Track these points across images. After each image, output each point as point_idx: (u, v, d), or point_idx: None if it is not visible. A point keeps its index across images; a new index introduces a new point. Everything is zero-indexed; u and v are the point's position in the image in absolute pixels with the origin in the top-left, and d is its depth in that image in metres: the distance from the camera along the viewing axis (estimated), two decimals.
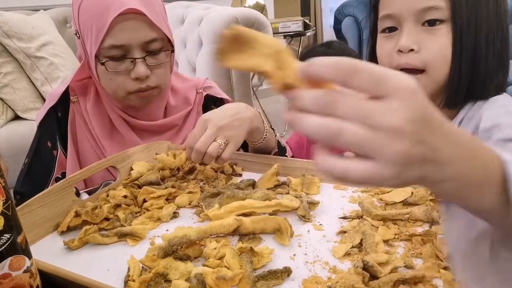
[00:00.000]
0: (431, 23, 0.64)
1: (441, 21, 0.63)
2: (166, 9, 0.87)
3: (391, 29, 0.69)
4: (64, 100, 0.90)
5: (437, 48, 0.64)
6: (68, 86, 0.89)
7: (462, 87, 0.65)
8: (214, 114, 0.75)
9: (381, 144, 0.27)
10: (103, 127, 0.89)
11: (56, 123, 0.89)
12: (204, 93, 0.98)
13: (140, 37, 0.78)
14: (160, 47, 0.82)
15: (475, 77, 0.64)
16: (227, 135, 0.72)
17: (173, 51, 0.86)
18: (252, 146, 0.83)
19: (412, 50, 0.65)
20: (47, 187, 0.74)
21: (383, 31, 0.71)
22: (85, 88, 0.91)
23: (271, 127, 0.86)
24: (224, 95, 1.00)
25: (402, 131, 0.26)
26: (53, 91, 0.92)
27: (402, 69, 0.66)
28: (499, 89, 0.67)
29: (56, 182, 0.65)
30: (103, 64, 0.79)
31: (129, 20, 0.77)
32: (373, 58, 0.76)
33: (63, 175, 0.87)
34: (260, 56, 0.32)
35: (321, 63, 0.28)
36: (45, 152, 0.88)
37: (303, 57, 1.16)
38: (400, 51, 0.66)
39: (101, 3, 0.77)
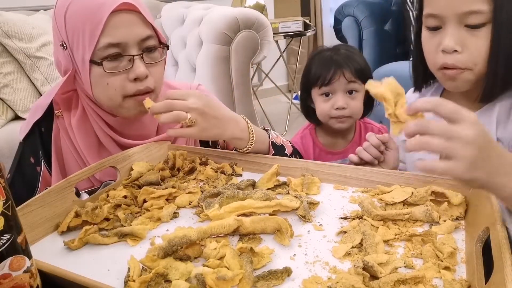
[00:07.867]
0: (474, 26, 0.67)
1: (483, 24, 0.66)
2: (167, 9, 0.87)
3: (435, 26, 0.72)
4: (48, 114, 0.86)
5: (478, 50, 0.68)
6: (52, 99, 0.85)
7: (498, 83, 0.69)
8: (210, 101, 0.77)
9: (458, 148, 0.43)
10: (90, 145, 0.85)
11: (39, 138, 0.86)
12: None
13: (136, 34, 0.77)
14: (155, 44, 0.81)
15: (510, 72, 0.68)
16: (198, 122, 0.74)
17: (168, 47, 0.84)
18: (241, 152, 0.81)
19: (455, 51, 0.69)
20: None
21: (427, 27, 0.73)
22: (70, 102, 0.87)
23: (264, 128, 0.85)
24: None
25: (474, 141, 0.43)
26: (37, 104, 0.88)
27: (445, 68, 0.71)
28: None
29: None
30: (100, 64, 0.75)
31: (123, 16, 0.75)
32: (417, 44, 0.79)
33: None
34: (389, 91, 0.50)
35: (424, 101, 0.47)
36: (28, 167, 0.86)
37: (311, 60, 1.16)
38: (444, 51, 0.70)
39: (91, 3, 0.75)
